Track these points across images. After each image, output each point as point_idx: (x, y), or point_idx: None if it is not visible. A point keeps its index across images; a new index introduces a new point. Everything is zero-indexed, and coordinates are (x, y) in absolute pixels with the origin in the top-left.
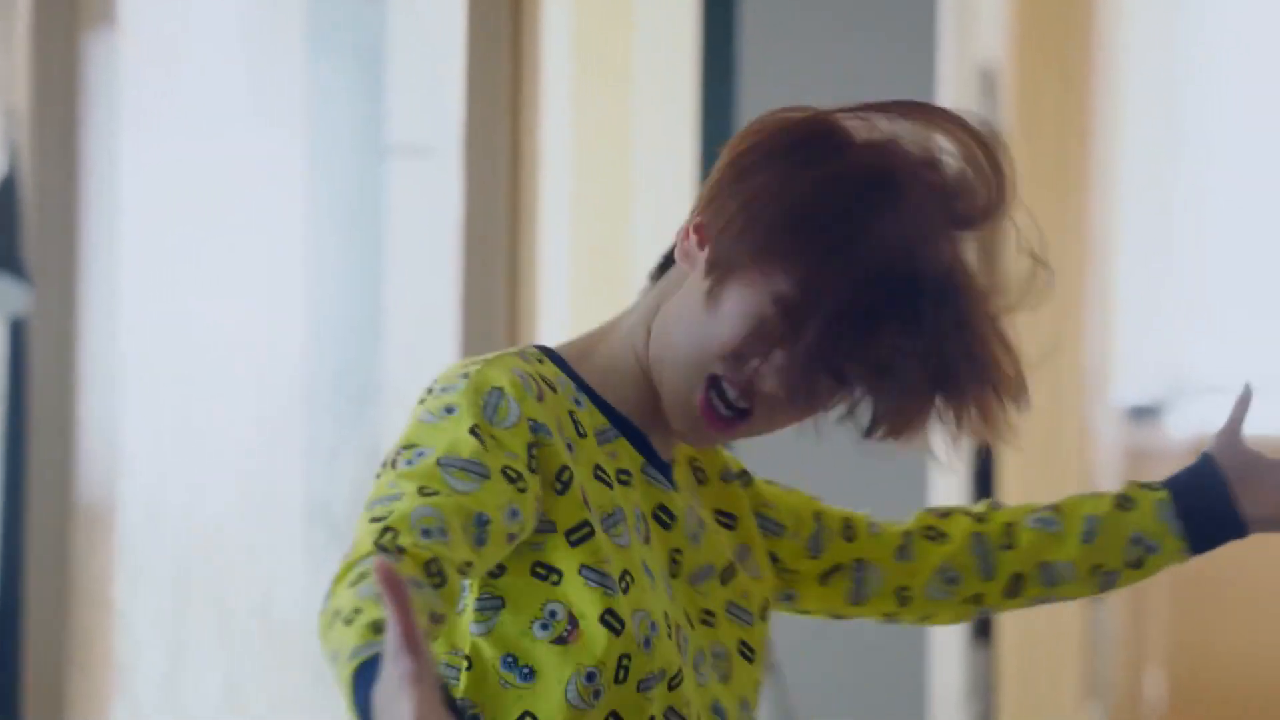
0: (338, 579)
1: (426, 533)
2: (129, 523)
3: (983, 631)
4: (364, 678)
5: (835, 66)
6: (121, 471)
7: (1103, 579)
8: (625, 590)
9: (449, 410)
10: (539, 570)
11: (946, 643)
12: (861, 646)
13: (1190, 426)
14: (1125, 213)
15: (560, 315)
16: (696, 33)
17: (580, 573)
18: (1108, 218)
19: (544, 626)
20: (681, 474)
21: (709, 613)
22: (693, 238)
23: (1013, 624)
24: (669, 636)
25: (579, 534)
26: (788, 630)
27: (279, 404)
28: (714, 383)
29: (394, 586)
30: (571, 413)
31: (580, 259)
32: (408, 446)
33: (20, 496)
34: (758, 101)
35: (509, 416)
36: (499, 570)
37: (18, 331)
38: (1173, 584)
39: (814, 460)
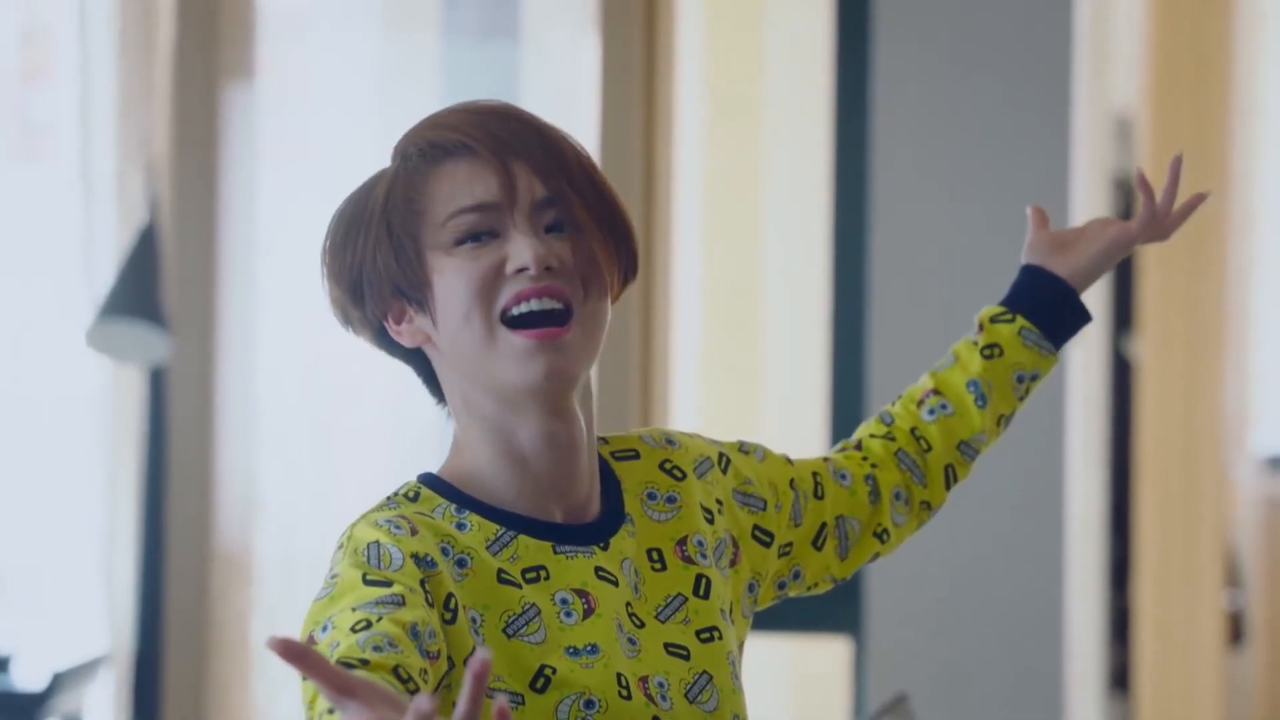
0: None
1: (378, 648)
2: (265, 568)
3: (1120, 683)
4: None
5: (969, 109)
6: (258, 517)
7: (1005, 421)
8: (542, 689)
9: (336, 577)
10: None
11: (1084, 694)
12: (999, 699)
13: None
14: (1262, 259)
15: (693, 355)
16: (830, 75)
17: (486, 694)
18: (1245, 264)
19: None
20: (632, 505)
21: (682, 647)
22: (403, 328)
23: (1151, 676)
24: (624, 698)
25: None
26: (926, 679)
27: (411, 449)
28: (505, 315)
29: (293, 654)
30: (451, 540)
31: (712, 299)
32: (316, 622)
33: (159, 542)
34: (891, 142)
35: (394, 561)
36: None
37: (157, 379)
38: None
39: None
